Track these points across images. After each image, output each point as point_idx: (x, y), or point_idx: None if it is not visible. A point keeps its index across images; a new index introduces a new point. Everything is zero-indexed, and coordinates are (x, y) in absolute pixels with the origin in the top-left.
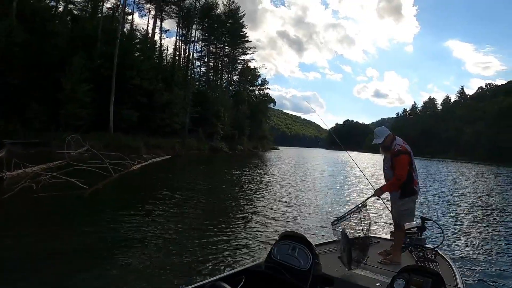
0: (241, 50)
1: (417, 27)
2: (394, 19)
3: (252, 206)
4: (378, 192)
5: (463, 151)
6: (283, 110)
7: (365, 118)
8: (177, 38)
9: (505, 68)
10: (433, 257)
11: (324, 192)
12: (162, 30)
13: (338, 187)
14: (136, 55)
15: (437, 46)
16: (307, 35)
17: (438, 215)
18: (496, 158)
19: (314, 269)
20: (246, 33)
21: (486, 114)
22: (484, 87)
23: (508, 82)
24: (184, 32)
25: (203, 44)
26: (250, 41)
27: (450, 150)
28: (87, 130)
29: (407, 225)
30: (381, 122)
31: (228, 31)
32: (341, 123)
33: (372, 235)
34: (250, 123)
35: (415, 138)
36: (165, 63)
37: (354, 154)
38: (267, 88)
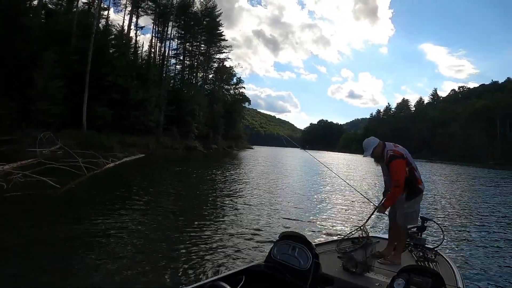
0: (217, 49)
1: (392, 29)
2: (370, 21)
3: (234, 206)
4: (382, 209)
5: (436, 151)
6: (258, 110)
7: (339, 118)
8: (153, 35)
9: (478, 72)
10: (433, 257)
11: (305, 192)
12: (137, 27)
13: (318, 188)
14: (111, 51)
15: (411, 48)
16: (283, 35)
17: (437, 215)
18: (468, 158)
19: (314, 269)
20: (222, 31)
21: (459, 116)
22: (457, 90)
23: (480, 85)
24: (160, 29)
25: (178, 42)
26: (226, 40)
27: (423, 150)
28: (60, 127)
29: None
30: (355, 123)
31: (205, 29)
32: (316, 123)
33: (371, 235)
34: (224, 122)
35: (389, 139)
36: (140, 60)
37: (329, 154)
38: (242, 87)
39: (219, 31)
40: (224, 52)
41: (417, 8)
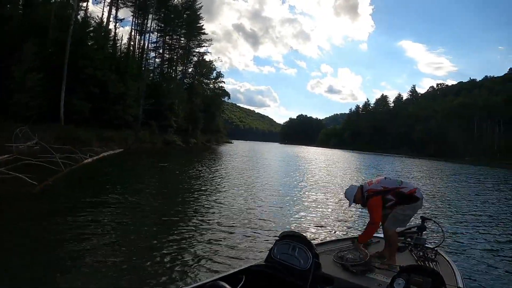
0: (197, 42)
1: (372, 26)
2: (350, 17)
3: (227, 203)
4: (358, 244)
5: (415, 147)
6: (237, 104)
7: (319, 113)
8: (132, 27)
9: (456, 69)
10: (433, 256)
11: (294, 189)
12: (117, 19)
13: (307, 184)
14: (89, 44)
15: (390, 45)
16: (263, 29)
17: (436, 214)
18: (446, 154)
19: (314, 268)
20: (202, 25)
21: (437, 113)
22: (435, 87)
23: (458, 83)
24: (139, 22)
25: (158, 35)
26: (207, 34)
27: (402, 146)
28: (37, 121)
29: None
30: (335, 118)
31: (185, 23)
32: (295, 117)
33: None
34: (204, 116)
35: (369, 134)
36: (119, 53)
37: (307, 149)
38: (222, 81)
39: (199, 25)
40: (204, 46)
41: (398, 5)
